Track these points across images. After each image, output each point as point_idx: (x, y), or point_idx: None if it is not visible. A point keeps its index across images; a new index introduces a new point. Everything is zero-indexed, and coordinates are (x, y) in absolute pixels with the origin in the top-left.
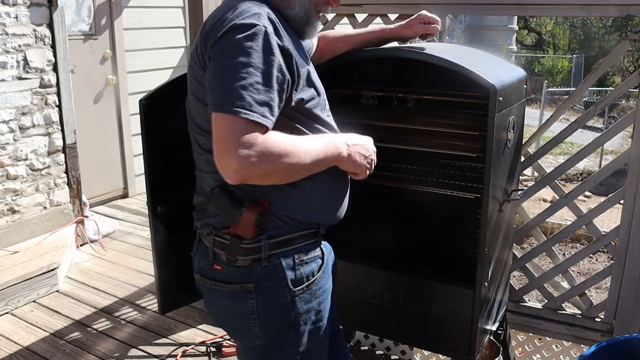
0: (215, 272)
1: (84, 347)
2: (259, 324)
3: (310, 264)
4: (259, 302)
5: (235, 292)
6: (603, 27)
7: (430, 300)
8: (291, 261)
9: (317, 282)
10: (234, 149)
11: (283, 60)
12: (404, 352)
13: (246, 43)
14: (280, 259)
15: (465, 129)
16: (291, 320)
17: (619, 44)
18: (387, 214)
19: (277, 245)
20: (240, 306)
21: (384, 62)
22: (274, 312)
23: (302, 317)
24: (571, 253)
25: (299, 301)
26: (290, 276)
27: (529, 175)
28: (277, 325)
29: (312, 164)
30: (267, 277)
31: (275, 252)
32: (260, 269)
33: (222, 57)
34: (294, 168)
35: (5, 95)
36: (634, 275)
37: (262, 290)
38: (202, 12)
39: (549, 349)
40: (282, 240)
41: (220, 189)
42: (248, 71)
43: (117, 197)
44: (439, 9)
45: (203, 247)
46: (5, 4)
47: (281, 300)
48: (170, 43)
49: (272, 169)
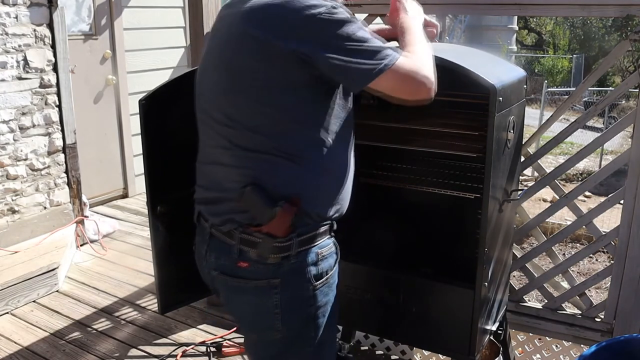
0: (239, 269)
1: (84, 347)
2: (282, 317)
3: (328, 259)
4: (283, 297)
5: (260, 288)
6: (603, 27)
7: (430, 300)
8: (314, 257)
9: (332, 275)
10: (416, 83)
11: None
12: (404, 352)
13: (338, 18)
14: (306, 255)
15: (465, 129)
16: (312, 314)
17: (619, 44)
18: (387, 214)
19: (304, 243)
20: (264, 301)
21: None
22: (296, 307)
23: (320, 309)
24: (571, 253)
25: (319, 294)
26: (312, 271)
27: (529, 175)
28: (299, 319)
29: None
30: (293, 273)
31: (302, 249)
32: (288, 266)
33: (334, 40)
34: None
35: (5, 95)
36: (634, 275)
37: (287, 286)
38: (202, 12)
39: (549, 349)
40: (308, 237)
41: (253, 187)
42: (358, 36)
43: (117, 197)
44: (439, 9)
45: (221, 244)
46: (5, 4)
47: (304, 294)
48: (170, 43)
49: (428, 66)
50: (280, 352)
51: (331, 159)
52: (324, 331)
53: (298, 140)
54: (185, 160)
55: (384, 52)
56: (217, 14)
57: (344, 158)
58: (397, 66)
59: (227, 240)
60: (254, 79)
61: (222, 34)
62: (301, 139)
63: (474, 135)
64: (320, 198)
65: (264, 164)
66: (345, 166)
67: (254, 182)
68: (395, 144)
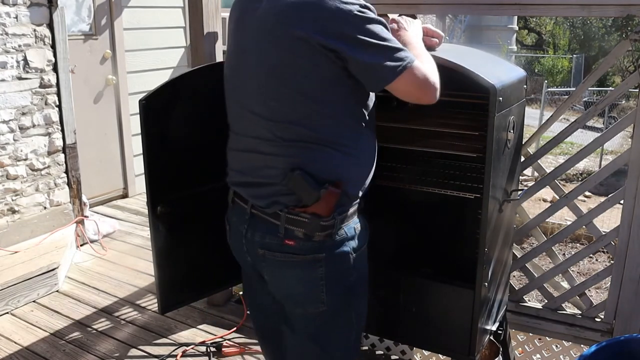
0: (285, 246)
1: (84, 347)
2: (326, 288)
3: (363, 232)
4: (327, 269)
5: (307, 262)
6: (603, 27)
7: (430, 300)
8: (353, 231)
9: (365, 248)
10: (427, 86)
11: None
12: (404, 352)
13: (369, 16)
14: (345, 230)
15: (465, 129)
16: (351, 283)
17: (619, 44)
18: (387, 214)
19: (344, 220)
20: (311, 274)
21: None
22: (339, 277)
23: (359, 279)
24: (571, 253)
25: (358, 265)
26: (352, 244)
27: (529, 175)
28: (342, 289)
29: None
30: (336, 247)
31: (342, 226)
32: (331, 241)
33: (362, 38)
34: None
35: (5, 95)
36: (634, 275)
37: (331, 259)
38: (202, 12)
39: (549, 349)
40: (346, 215)
41: (300, 172)
42: (383, 36)
43: (117, 197)
44: (439, 9)
45: (267, 224)
46: (5, 4)
47: (345, 266)
48: (170, 43)
49: (435, 73)
50: (325, 323)
51: (363, 145)
52: (361, 302)
53: (337, 131)
54: (186, 160)
55: (404, 53)
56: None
57: (372, 144)
58: (414, 67)
59: (272, 221)
60: (296, 75)
61: (254, 30)
62: (339, 129)
63: (474, 135)
64: (356, 180)
65: (306, 151)
66: (372, 151)
67: (298, 168)
68: (395, 144)
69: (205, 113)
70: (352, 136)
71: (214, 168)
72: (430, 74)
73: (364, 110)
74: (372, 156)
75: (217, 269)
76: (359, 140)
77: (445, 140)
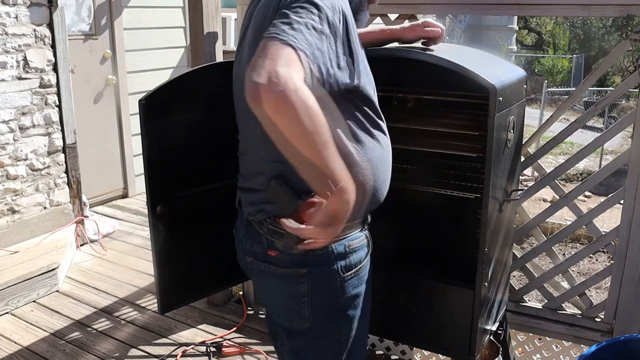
0: (269, 256)
1: (84, 347)
2: (309, 306)
3: (358, 251)
4: (310, 285)
5: (289, 275)
6: (603, 27)
7: (430, 300)
8: (342, 249)
9: (364, 267)
10: (276, 63)
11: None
12: (404, 352)
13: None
14: (333, 247)
15: (465, 129)
16: (340, 305)
17: (619, 44)
18: (387, 214)
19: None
20: (293, 288)
21: (384, 62)
22: (323, 296)
23: (350, 301)
24: (571, 253)
25: (348, 286)
26: (341, 263)
27: (529, 175)
28: (327, 309)
29: (319, 150)
30: (320, 264)
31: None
32: (314, 257)
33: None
34: (303, 129)
35: (5, 95)
36: (634, 275)
37: (314, 276)
38: (202, 12)
39: (549, 349)
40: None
41: (278, 180)
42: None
43: (117, 197)
44: (439, 9)
45: (255, 232)
46: (5, 4)
47: (331, 284)
48: (170, 43)
49: (290, 107)
50: (309, 342)
51: (355, 155)
52: (358, 325)
53: None
54: (186, 159)
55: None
56: (217, 12)
57: (376, 153)
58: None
59: (258, 229)
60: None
61: (250, 27)
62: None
63: (474, 135)
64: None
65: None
66: (376, 161)
67: (280, 175)
68: (395, 144)
69: (205, 113)
70: (341, 141)
71: (214, 168)
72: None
73: (358, 113)
74: (375, 167)
75: (217, 269)
76: (349, 149)
77: (445, 140)
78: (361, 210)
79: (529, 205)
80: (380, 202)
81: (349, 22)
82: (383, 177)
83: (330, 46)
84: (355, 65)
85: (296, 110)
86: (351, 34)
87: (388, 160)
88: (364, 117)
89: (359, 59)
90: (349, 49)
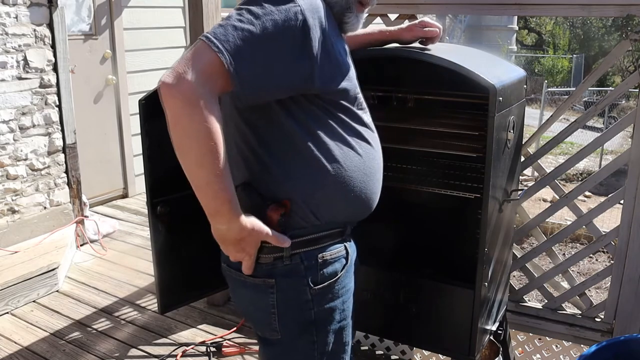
0: (239, 264)
1: (84, 347)
2: (279, 318)
3: (333, 264)
4: (279, 297)
5: (258, 285)
6: (603, 27)
7: (430, 300)
8: (313, 261)
9: (340, 281)
10: (191, 65)
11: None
12: (404, 352)
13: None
14: (302, 258)
15: (465, 129)
16: (311, 318)
17: (619, 44)
18: (387, 214)
19: (299, 245)
20: (262, 299)
21: (383, 62)
22: (293, 309)
23: (324, 316)
24: (571, 253)
25: (321, 300)
26: (311, 275)
27: (529, 175)
28: (297, 323)
29: (206, 176)
30: (288, 275)
31: (297, 252)
32: (282, 267)
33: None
34: (192, 147)
35: (5, 95)
36: (634, 275)
37: (282, 287)
38: (202, 12)
39: (549, 349)
40: (306, 240)
41: (244, 187)
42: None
43: (117, 197)
44: (439, 9)
45: None
46: (5, 4)
47: (301, 297)
48: (170, 43)
49: (186, 118)
50: (280, 353)
51: (333, 161)
52: (335, 340)
53: (287, 141)
54: None
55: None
56: (217, 11)
57: (354, 160)
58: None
59: None
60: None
61: None
62: (288, 140)
63: (474, 135)
64: (316, 202)
65: (257, 165)
66: (349, 169)
67: (246, 182)
68: (395, 144)
69: None
70: (309, 150)
71: None
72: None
73: (331, 121)
74: (346, 175)
75: (217, 269)
76: (324, 154)
77: (445, 140)
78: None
79: (529, 205)
80: (362, 211)
81: (310, 27)
82: (362, 187)
83: (277, 51)
84: (316, 70)
85: (182, 122)
86: (312, 39)
87: (370, 169)
88: (338, 125)
89: (325, 64)
90: (309, 53)
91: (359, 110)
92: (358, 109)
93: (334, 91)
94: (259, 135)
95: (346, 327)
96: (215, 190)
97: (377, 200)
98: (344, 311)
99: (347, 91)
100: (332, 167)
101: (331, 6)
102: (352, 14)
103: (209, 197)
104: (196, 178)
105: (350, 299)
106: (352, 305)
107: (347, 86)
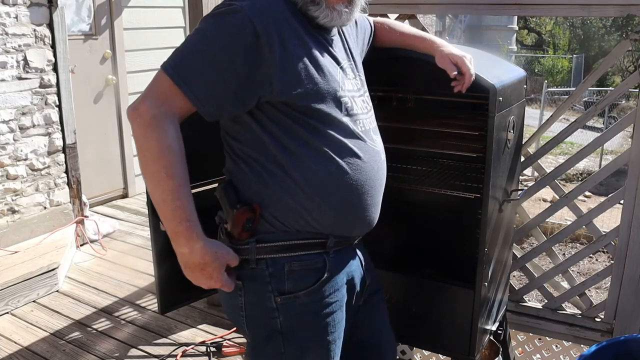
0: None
1: (84, 347)
2: (246, 321)
3: (305, 276)
4: (246, 300)
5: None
6: (603, 27)
7: (431, 300)
8: (280, 269)
9: (312, 294)
10: (149, 90)
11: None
12: (404, 352)
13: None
14: (268, 264)
15: (465, 129)
16: (277, 327)
17: (619, 44)
18: (387, 214)
19: (266, 251)
20: (233, 299)
21: (384, 62)
22: (259, 315)
23: (294, 328)
24: (571, 253)
25: (288, 311)
26: (276, 283)
27: (529, 175)
28: (263, 329)
29: (162, 197)
30: (254, 279)
31: (263, 257)
32: (249, 270)
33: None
34: (149, 167)
35: (5, 95)
36: (634, 275)
37: (248, 290)
38: (202, 12)
39: (549, 349)
40: (273, 246)
41: (225, 186)
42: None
43: (117, 197)
44: (439, 9)
45: (219, 236)
46: (5, 4)
47: (266, 304)
48: (170, 43)
49: (144, 143)
50: (253, 356)
51: (306, 167)
52: (310, 354)
53: (258, 145)
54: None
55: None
56: None
57: (329, 167)
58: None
59: (220, 233)
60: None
61: None
62: (259, 143)
63: (474, 135)
64: (284, 209)
65: (236, 167)
66: (331, 177)
67: (228, 182)
68: (395, 144)
69: None
70: (282, 154)
71: (214, 167)
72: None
73: (304, 130)
74: (321, 187)
75: None
76: (295, 160)
77: (445, 140)
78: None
79: (529, 205)
80: (348, 225)
81: (260, 33)
82: (339, 199)
83: (229, 63)
84: (275, 73)
85: (139, 142)
86: (265, 44)
87: (355, 181)
88: (312, 135)
89: (286, 67)
90: (264, 57)
91: (346, 117)
92: (345, 115)
93: (302, 95)
94: (238, 143)
95: (328, 349)
96: (171, 209)
97: (373, 213)
98: (323, 329)
99: (322, 95)
100: (300, 176)
101: (294, 2)
102: (318, 6)
103: (167, 216)
104: (153, 196)
105: (333, 318)
106: (344, 326)
107: (319, 90)
